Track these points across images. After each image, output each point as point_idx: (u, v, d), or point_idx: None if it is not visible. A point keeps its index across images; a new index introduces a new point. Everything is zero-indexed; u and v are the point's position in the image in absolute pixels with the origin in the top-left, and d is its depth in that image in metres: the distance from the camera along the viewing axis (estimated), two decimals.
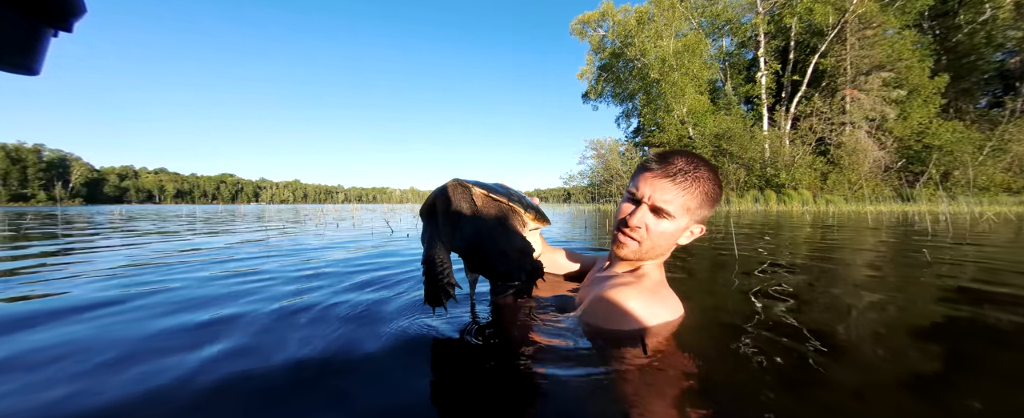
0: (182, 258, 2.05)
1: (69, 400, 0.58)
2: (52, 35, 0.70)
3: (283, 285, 1.34)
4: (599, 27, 23.17)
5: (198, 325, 0.91)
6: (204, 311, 1.02)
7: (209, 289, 1.29)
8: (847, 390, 0.61)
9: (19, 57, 0.66)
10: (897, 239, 3.06)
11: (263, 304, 1.08)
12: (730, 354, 0.72)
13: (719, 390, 0.60)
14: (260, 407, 0.57)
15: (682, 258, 1.95)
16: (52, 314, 1.02)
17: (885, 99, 17.24)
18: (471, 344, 0.76)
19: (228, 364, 0.69)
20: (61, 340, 0.83)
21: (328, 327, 0.87)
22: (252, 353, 0.75)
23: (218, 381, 0.63)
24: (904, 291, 1.29)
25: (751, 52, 21.91)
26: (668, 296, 0.85)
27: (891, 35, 17.18)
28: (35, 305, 1.12)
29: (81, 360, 0.73)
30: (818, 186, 16.53)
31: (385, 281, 1.34)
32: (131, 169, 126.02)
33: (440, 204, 0.78)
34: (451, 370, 0.68)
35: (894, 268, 1.74)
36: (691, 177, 0.81)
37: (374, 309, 0.99)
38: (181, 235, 3.52)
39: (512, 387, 0.61)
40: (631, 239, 0.87)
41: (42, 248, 2.60)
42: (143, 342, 0.82)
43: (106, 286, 1.36)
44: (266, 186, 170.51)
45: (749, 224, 5.02)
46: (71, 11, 0.66)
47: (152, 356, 0.74)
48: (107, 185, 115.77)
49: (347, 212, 9.01)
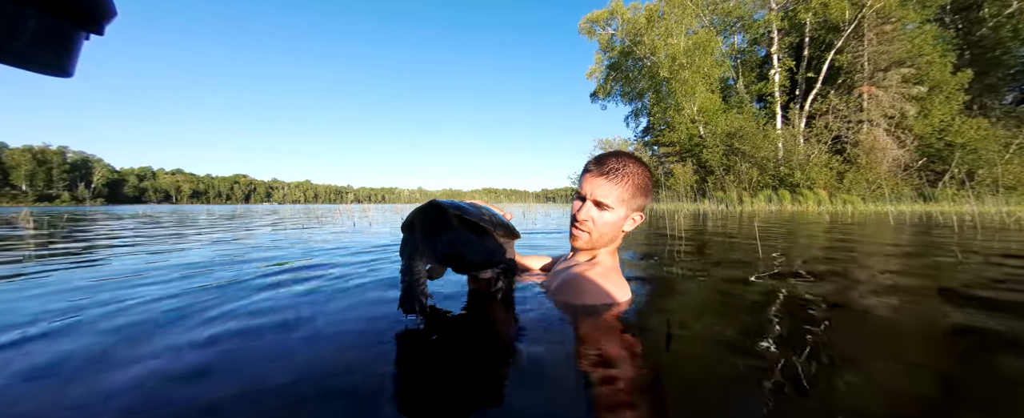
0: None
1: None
2: (84, 38, 0.72)
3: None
4: (608, 26, 22.99)
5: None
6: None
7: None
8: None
9: (54, 59, 0.68)
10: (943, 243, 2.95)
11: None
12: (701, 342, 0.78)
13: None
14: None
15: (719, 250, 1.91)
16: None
17: (905, 96, 16.71)
18: (451, 327, 0.87)
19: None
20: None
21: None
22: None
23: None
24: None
25: (764, 49, 21.48)
26: (617, 280, 1.00)
27: (911, 30, 16.65)
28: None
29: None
30: (834, 186, 16.10)
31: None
32: (149, 170, 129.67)
33: (418, 222, 0.87)
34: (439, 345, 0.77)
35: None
36: (621, 173, 0.97)
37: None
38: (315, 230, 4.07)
39: (490, 358, 0.72)
40: (582, 231, 1.02)
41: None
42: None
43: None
44: (278, 186, 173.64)
45: (764, 226, 4.92)
46: (103, 14, 0.68)
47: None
48: (127, 186, 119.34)
49: (361, 212, 9.12)
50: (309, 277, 1.44)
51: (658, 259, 1.94)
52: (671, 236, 3.20)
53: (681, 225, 4.47)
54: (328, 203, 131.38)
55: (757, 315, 0.97)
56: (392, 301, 0.99)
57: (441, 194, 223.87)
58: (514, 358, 0.70)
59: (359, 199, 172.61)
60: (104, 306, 1.07)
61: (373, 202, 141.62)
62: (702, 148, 19.48)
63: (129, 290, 1.26)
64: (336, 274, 1.48)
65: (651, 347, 0.75)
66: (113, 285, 1.35)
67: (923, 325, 0.94)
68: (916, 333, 0.89)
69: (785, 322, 0.91)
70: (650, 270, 1.63)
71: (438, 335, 0.82)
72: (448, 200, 0.87)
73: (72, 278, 1.49)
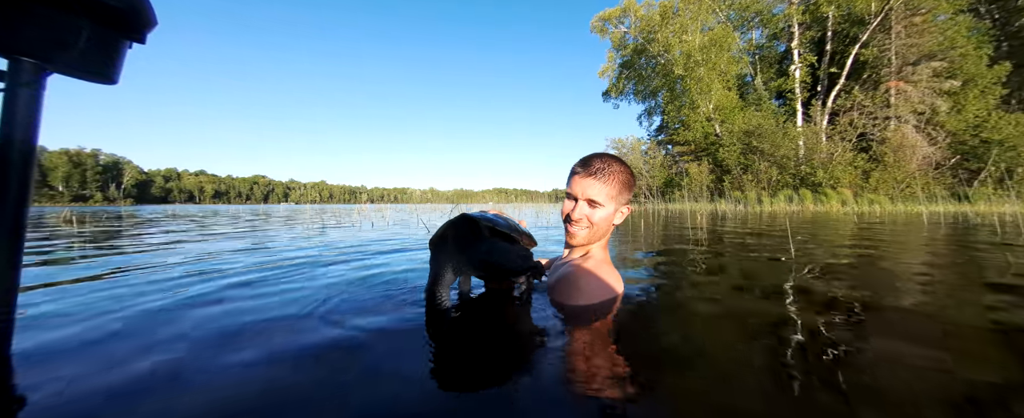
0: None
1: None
2: (128, 47, 0.74)
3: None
4: (620, 23, 22.72)
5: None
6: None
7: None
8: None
9: (103, 67, 0.71)
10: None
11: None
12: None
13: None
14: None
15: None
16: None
17: (936, 91, 15.92)
18: (472, 322, 0.95)
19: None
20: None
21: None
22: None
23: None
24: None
25: (783, 44, 20.84)
26: (610, 272, 1.10)
27: (942, 21, 15.84)
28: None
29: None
30: (859, 185, 15.48)
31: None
32: (174, 171, 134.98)
33: (451, 235, 0.96)
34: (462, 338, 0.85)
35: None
36: (607, 172, 1.07)
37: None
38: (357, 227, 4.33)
39: (506, 345, 0.82)
40: (579, 229, 1.11)
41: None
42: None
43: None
44: (295, 187, 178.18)
45: (779, 226, 4.76)
46: (146, 24, 0.70)
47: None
48: (154, 186, 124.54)
49: (376, 211, 9.26)
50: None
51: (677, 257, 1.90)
52: (694, 241, 3.13)
53: (701, 224, 4.37)
54: (342, 203, 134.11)
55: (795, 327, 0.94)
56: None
57: (453, 194, 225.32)
58: (532, 345, 0.79)
59: (372, 199, 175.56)
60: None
61: (386, 202, 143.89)
62: (718, 147, 19.03)
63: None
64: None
65: (659, 335, 0.87)
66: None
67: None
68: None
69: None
70: (671, 267, 1.60)
71: (473, 328, 0.91)
72: (476, 213, 0.97)
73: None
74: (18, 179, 0.58)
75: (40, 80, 0.60)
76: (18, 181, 0.58)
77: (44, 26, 0.58)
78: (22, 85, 0.57)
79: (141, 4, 0.65)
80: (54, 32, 0.60)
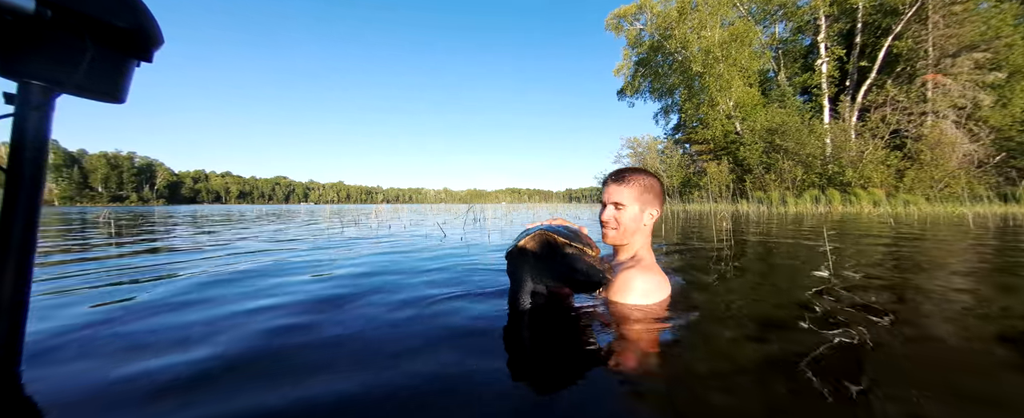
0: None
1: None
2: (136, 66, 0.74)
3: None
4: (636, 20, 22.31)
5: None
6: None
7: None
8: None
9: (109, 87, 0.71)
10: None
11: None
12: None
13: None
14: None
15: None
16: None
17: (978, 84, 14.94)
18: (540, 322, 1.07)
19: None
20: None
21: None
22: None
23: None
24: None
25: (809, 38, 20.01)
26: (656, 275, 1.21)
27: (985, 9, 14.83)
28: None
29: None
30: (893, 184, 14.67)
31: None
32: (202, 173, 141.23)
33: (531, 248, 1.05)
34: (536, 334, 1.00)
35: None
36: (629, 178, 1.24)
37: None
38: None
39: (569, 342, 0.94)
40: (609, 229, 1.27)
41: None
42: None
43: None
44: (314, 187, 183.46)
45: (811, 229, 4.53)
46: (152, 43, 0.70)
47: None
48: (184, 187, 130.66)
49: (392, 212, 9.39)
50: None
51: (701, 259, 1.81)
52: (715, 250, 3.01)
53: (724, 229, 4.20)
54: (359, 203, 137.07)
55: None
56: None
57: (466, 194, 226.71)
58: (598, 344, 0.90)
59: (388, 199, 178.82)
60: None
61: (401, 202, 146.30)
62: (739, 145, 18.42)
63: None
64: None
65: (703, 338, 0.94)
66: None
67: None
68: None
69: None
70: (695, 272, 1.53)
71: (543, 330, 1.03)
72: (550, 226, 1.06)
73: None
74: (28, 198, 0.59)
75: (49, 102, 0.60)
76: (28, 200, 0.59)
77: (53, 51, 0.58)
78: (32, 108, 0.57)
79: (148, 24, 0.65)
80: (63, 56, 0.60)
